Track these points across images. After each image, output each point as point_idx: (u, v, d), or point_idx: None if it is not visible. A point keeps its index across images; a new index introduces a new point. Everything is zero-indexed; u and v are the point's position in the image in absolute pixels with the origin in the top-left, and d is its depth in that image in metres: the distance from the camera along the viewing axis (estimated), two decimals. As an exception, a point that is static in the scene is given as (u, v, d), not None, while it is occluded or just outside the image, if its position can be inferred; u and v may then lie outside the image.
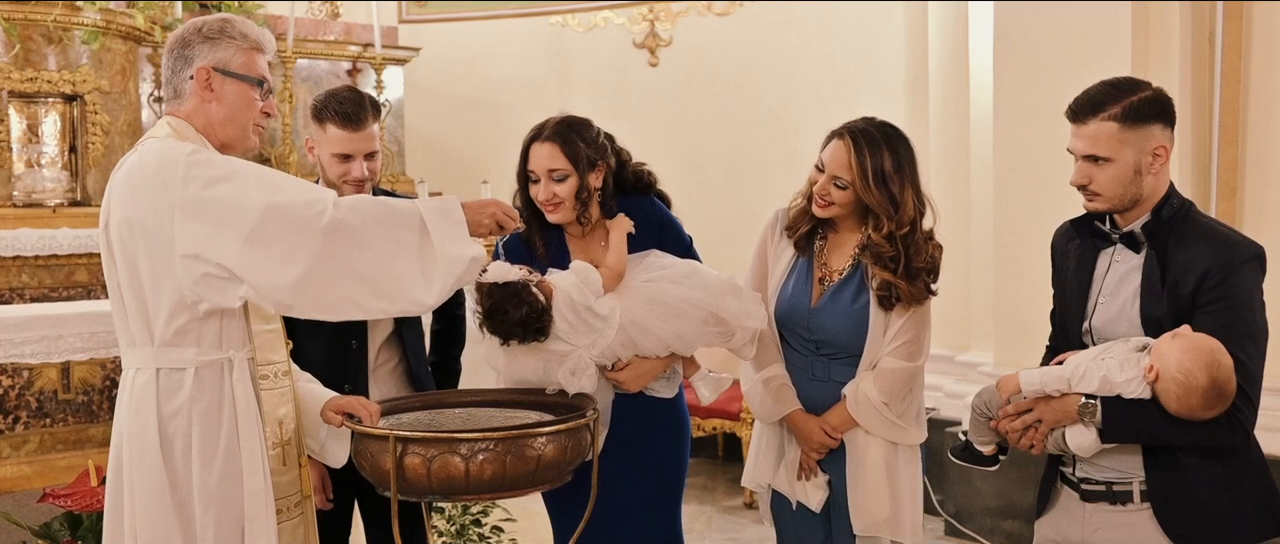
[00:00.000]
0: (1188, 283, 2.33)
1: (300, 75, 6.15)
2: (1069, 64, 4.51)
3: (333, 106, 3.01)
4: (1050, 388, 2.40)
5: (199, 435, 2.27)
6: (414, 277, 2.22)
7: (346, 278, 2.19)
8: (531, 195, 2.95)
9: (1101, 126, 2.36)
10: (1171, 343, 2.28)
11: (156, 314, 2.26)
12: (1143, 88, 2.39)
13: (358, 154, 3.02)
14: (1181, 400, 2.26)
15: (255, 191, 2.18)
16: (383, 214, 2.23)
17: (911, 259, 2.79)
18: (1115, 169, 2.37)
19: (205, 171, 2.20)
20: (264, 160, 6.03)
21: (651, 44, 6.74)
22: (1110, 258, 2.47)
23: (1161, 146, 2.37)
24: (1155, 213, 2.41)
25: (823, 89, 5.97)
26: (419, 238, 2.23)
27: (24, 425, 3.79)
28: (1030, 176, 4.75)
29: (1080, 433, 2.38)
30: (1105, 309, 2.46)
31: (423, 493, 2.50)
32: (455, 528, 4.24)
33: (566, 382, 2.80)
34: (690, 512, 5.60)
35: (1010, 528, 4.85)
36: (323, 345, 3.01)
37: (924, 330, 2.88)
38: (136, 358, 2.32)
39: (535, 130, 2.95)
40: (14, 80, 5.16)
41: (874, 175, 2.76)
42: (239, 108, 2.41)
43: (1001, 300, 4.97)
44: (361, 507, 3.18)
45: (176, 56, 2.40)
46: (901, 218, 2.77)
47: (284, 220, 2.16)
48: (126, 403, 2.32)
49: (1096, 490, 2.45)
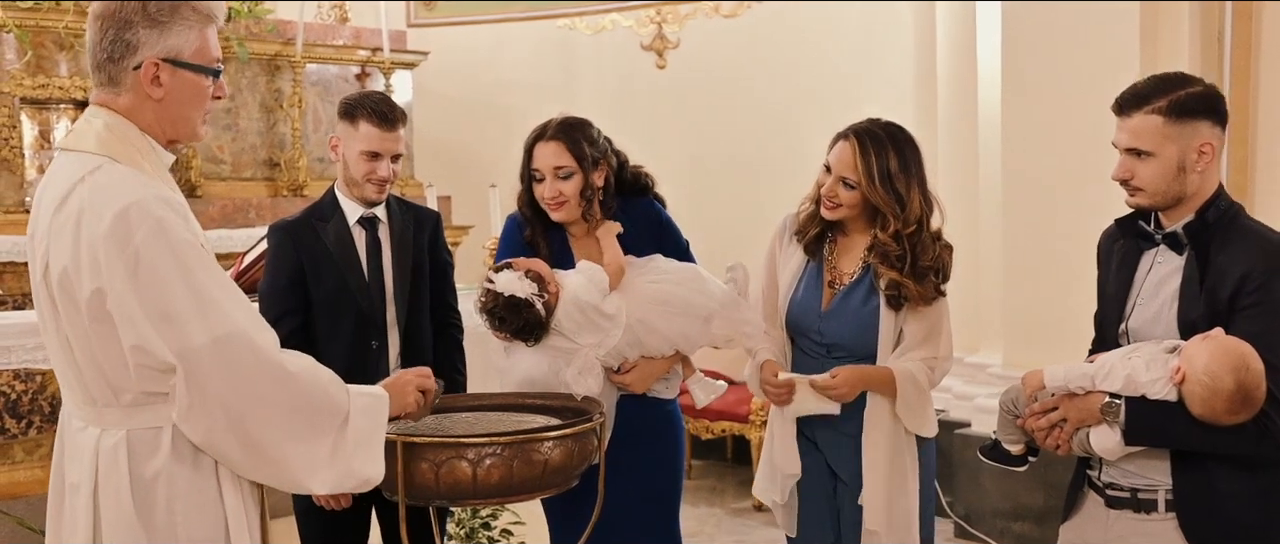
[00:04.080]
0: (1226, 286, 2.25)
1: (309, 80, 6.16)
2: (1077, 65, 4.51)
3: (368, 105, 3.08)
4: (1074, 385, 2.34)
5: (185, 496, 2.03)
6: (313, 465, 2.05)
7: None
8: (536, 194, 2.99)
9: (1145, 120, 2.29)
10: (1201, 344, 2.21)
11: (120, 376, 1.98)
12: (1192, 83, 2.32)
13: (386, 153, 3.08)
14: (1206, 403, 2.19)
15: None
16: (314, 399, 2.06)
17: (918, 258, 2.79)
18: (1157, 164, 2.30)
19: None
20: (273, 165, 6.06)
21: (659, 46, 6.74)
22: (1153, 259, 2.40)
23: (1208, 144, 2.29)
24: (1200, 214, 2.33)
25: (830, 91, 5.96)
26: (336, 433, 2.06)
27: (37, 430, 3.82)
28: (1039, 177, 4.74)
29: (1104, 434, 2.31)
30: (1143, 311, 2.39)
31: (430, 497, 2.50)
32: (465, 532, 4.25)
33: (574, 381, 2.82)
34: (699, 514, 5.61)
35: (1020, 530, 4.84)
36: (343, 347, 3.05)
37: (939, 331, 2.87)
38: (100, 418, 2.02)
39: (538, 130, 3.00)
40: (26, 87, 5.19)
41: (880, 175, 2.77)
42: (190, 103, 2.07)
43: (1011, 301, 4.96)
44: (378, 511, 3.20)
45: (113, 37, 2.00)
46: (907, 216, 2.78)
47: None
48: (87, 465, 2.02)
49: (1121, 497, 2.38)
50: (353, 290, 3.09)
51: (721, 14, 6.58)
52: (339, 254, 3.09)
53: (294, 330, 3.00)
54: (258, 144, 6.05)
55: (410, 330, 3.16)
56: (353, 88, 6.17)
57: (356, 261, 3.11)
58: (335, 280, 3.08)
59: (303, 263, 3.08)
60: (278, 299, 3.07)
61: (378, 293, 3.13)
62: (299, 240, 3.10)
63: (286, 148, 6.07)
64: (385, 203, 3.19)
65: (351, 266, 3.10)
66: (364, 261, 3.12)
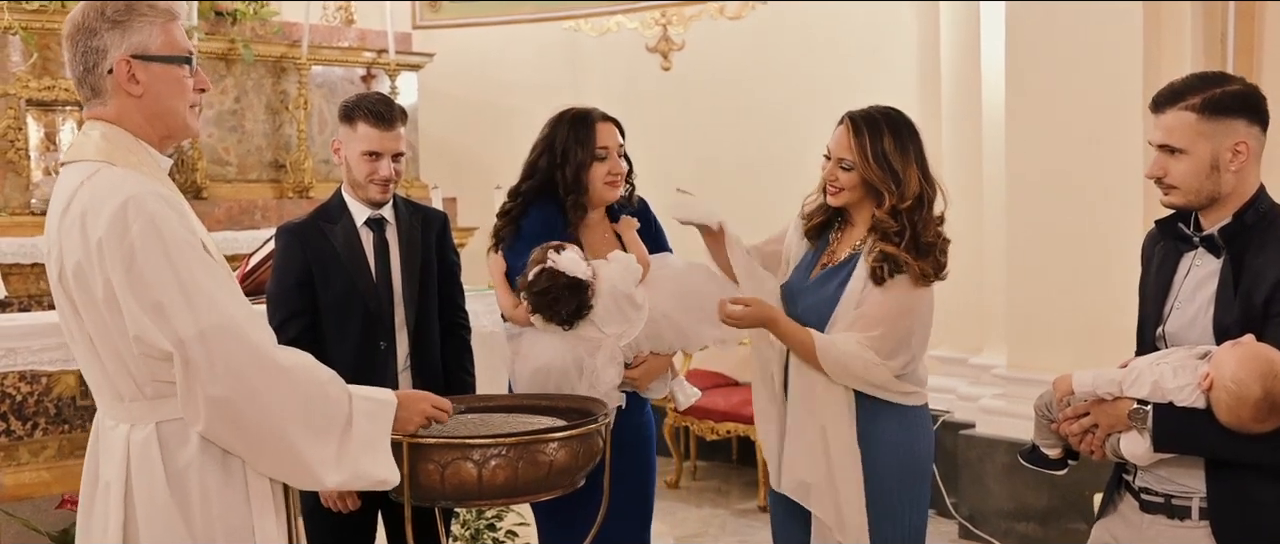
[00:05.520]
0: (1261, 291, 2.20)
1: (315, 82, 6.17)
2: (1081, 65, 4.51)
3: (365, 106, 3.11)
4: (1102, 390, 2.31)
5: (217, 485, 2.10)
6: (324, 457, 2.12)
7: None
8: (594, 174, 3.10)
9: (1179, 116, 2.26)
10: (1230, 351, 2.16)
11: (139, 366, 2.05)
12: (1231, 82, 2.29)
13: (387, 153, 3.10)
14: (1232, 411, 2.14)
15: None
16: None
17: (920, 234, 2.78)
18: (1190, 162, 2.26)
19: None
20: (279, 167, 6.07)
21: (664, 48, 6.75)
22: (1191, 262, 2.35)
23: (1243, 143, 2.24)
24: (1238, 216, 2.28)
25: (834, 91, 5.93)
26: (340, 433, 2.12)
27: (42, 431, 3.82)
28: (1043, 177, 4.74)
29: (1135, 440, 2.27)
30: (1180, 315, 2.34)
31: (435, 498, 2.52)
32: (470, 533, 4.26)
33: (603, 370, 2.91)
34: (703, 515, 5.63)
35: (1024, 530, 4.84)
36: (351, 349, 3.06)
37: (899, 318, 2.76)
38: (128, 413, 2.10)
39: (587, 112, 3.15)
40: (32, 89, 5.20)
41: (874, 154, 2.78)
42: (171, 94, 2.13)
43: (1015, 302, 4.96)
44: (383, 512, 3.21)
45: (83, 48, 2.09)
46: (904, 192, 2.78)
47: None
48: (118, 463, 2.09)
49: (1155, 502, 2.34)
50: (361, 292, 3.10)
51: (726, 16, 6.58)
52: (347, 256, 3.10)
53: (302, 332, 3.02)
54: (263, 146, 6.06)
55: (419, 332, 3.17)
56: (358, 89, 6.18)
57: (365, 263, 3.12)
58: (343, 282, 3.09)
59: (310, 265, 3.09)
60: (285, 301, 3.09)
61: (386, 294, 3.14)
62: (307, 242, 3.11)
63: (292, 150, 6.08)
64: (392, 204, 3.20)
65: (360, 268, 3.11)
66: (372, 263, 3.13)
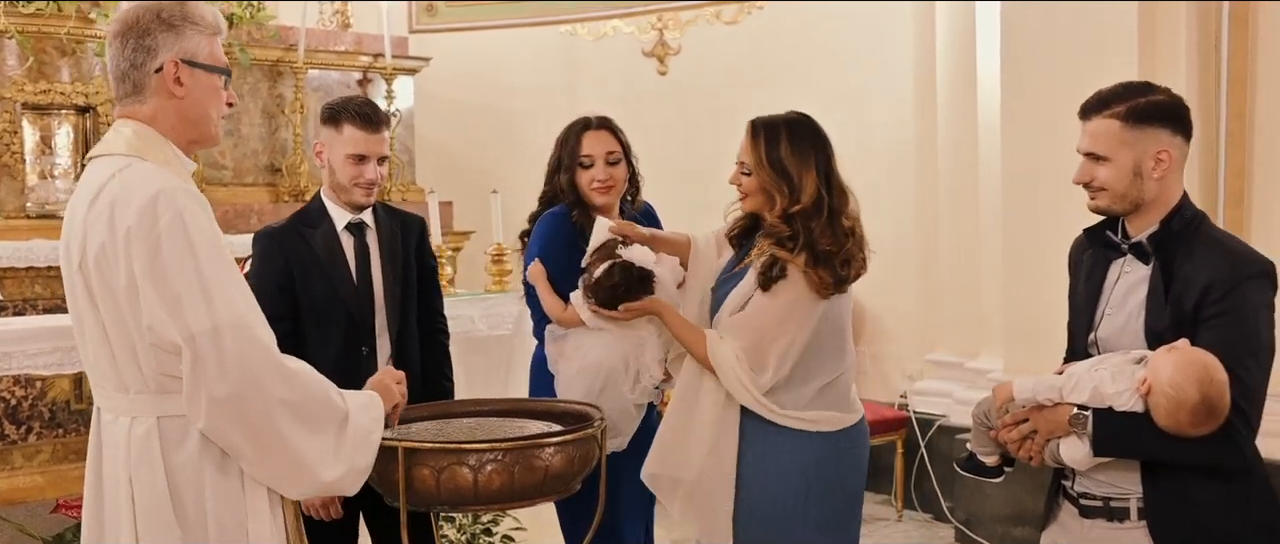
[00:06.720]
0: (1191, 296, 2.27)
1: (311, 85, 6.16)
2: (1076, 67, 4.51)
3: (351, 108, 3.11)
4: (1042, 397, 2.36)
5: (213, 483, 2.12)
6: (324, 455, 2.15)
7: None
8: (581, 181, 3.19)
9: (1103, 124, 2.35)
10: (1166, 356, 2.22)
11: (151, 357, 2.08)
12: (1155, 91, 2.36)
13: (372, 156, 3.10)
14: (1171, 415, 2.20)
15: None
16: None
17: (815, 241, 2.73)
18: (1113, 168, 2.34)
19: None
20: (275, 171, 6.07)
21: (661, 52, 6.75)
22: (1120, 268, 2.42)
23: (1165, 152, 2.32)
24: (1164, 223, 2.36)
25: (831, 95, 5.96)
26: (338, 429, 2.16)
27: (37, 436, 3.82)
28: (1039, 180, 4.74)
29: (1074, 445, 2.33)
30: (1111, 321, 2.41)
31: (431, 503, 2.51)
32: (466, 537, 4.25)
33: (652, 369, 3.01)
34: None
35: (1021, 535, 4.84)
36: (333, 353, 3.04)
37: (774, 329, 2.72)
38: (131, 405, 2.13)
39: (582, 122, 3.23)
40: (27, 92, 5.19)
41: (769, 158, 2.81)
42: (208, 102, 2.23)
43: (1011, 305, 4.96)
44: (366, 518, 3.19)
45: (134, 46, 2.16)
46: (798, 196, 2.76)
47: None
48: (121, 455, 2.13)
49: (1094, 506, 2.39)
50: (342, 297, 3.09)
51: (723, 20, 6.59)
52: (327, 261, 3.10)
53: (282, 336, 2.99)
54: (259, 150, 6.06)
55: (400, 336, 3.17)
56: (355, 93, 6.17)
57: (345, 268, 3.12)
58: (324, 287, 3.08)
59: (291, 269, 3.08)
60: (264, 305, 3.06)
61: (367, 299, 3.13)
62: (286, 247, 3.10)
63: (288, 153, 6.08)
64: (372, 209, 3.19)
65: (340, 273, 3.11)
66: (353, 268, 3.13)
